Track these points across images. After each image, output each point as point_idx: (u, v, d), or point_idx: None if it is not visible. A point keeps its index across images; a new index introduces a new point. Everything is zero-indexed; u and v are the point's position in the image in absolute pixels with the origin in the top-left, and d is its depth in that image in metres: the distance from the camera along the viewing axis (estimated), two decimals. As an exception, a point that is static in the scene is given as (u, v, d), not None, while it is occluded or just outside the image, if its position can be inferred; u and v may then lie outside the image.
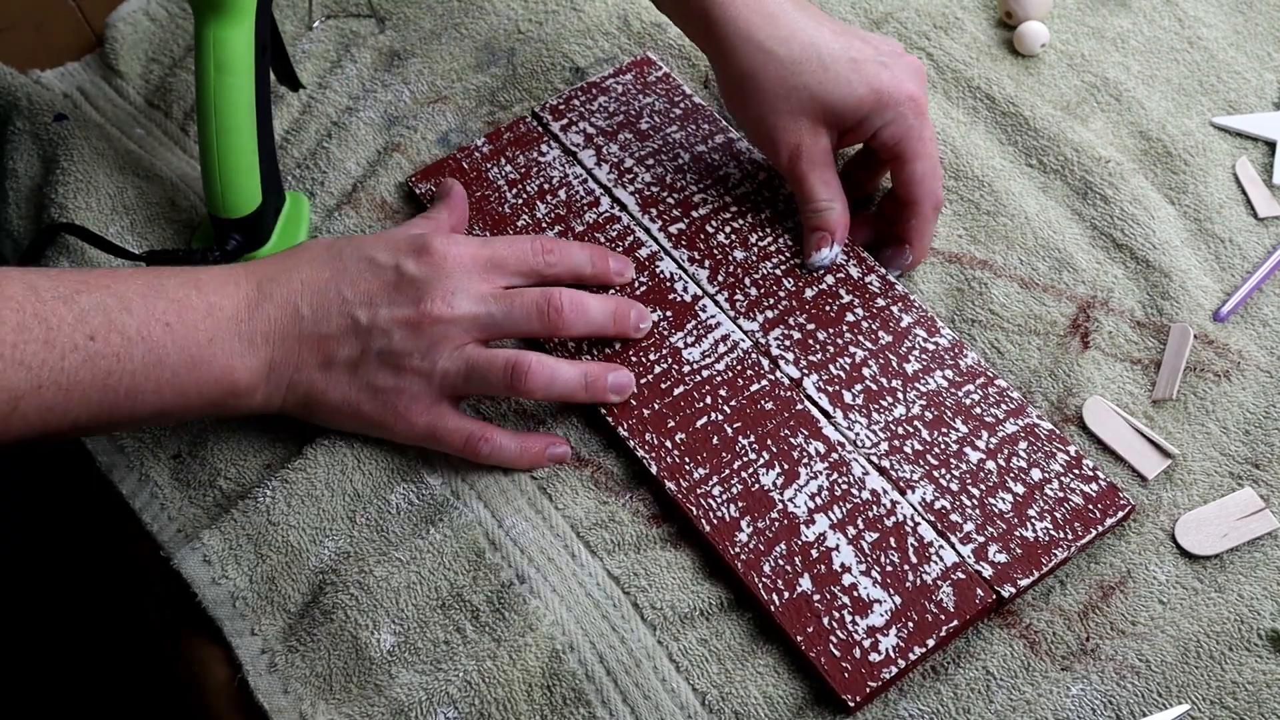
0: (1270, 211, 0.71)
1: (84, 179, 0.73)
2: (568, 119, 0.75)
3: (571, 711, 0.55)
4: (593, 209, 0.71)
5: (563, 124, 0.75)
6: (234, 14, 0.65)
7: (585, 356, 0.65)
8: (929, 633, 0.56)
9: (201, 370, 0.57)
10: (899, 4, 0.82)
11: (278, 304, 0.59)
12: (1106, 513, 0.59)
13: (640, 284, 0.67)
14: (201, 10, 0.65)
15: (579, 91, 0.76)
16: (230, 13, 0.65)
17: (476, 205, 0.71)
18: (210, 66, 0.65)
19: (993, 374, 0.64)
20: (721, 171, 0.72)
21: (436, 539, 0.60)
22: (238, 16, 0.65)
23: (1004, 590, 0.57)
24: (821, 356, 0.64)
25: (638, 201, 0.71)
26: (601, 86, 0.77)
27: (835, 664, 0.55)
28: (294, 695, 0.56)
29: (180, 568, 0.60)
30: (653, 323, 0.66)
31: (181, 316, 0.57)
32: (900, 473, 0.60)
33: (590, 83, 0.77)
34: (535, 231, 0.70)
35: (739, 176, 0.72)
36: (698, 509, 0.59)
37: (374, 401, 0.60)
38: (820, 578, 0.57)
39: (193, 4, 0.65)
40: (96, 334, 0.54)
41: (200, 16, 0.65)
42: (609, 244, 0.69)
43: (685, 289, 0.67)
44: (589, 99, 0.76)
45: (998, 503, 0.59)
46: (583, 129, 0.74)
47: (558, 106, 0.76)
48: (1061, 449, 0.61)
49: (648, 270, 0.68)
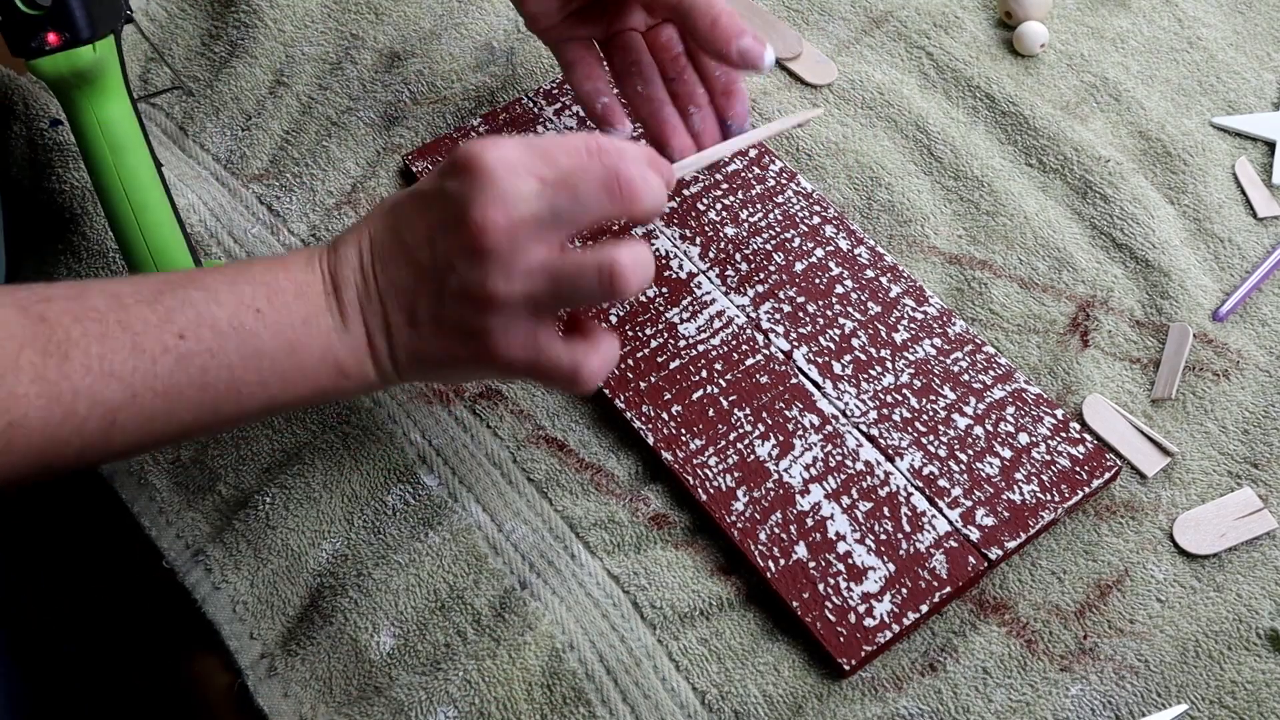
0: (1269, 211, 0.71)
1: (80, 184, 0.73)
2: (561, 103, 0.76)
3: (571, 711, 0.55)
4: None
5: (556, 108, 0.76)
6: (108, 89, 0.61)
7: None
8: (922, 599, 0.56)
9: (301, 354, 0.52)
10: (899, 3, 0.82)
11: (355, 269, 0.53)
12: (1094, 474, 0.60)
13: None
14: (69, 91, 0.61)
15: None
16: (104, 89, 0.61)
17: None
18: (105, 151, 0.62)
19: (980, 341, 0.64)
20: None
21: (435, 542, 0.60)
22: (112, 90, 0.62)
23: (991, 553, 0.57)
24: (811, 329, 0.65)
25: None
26: None
27: (830, 628, 0.56)
28: (294, 699, 0.56)
29: (180, 573, 0.60)
30: (649, 298, 0.67)
31: (271, 300, 0.52)
32: (889, 440, 0.61)
33: None
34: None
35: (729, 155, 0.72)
36: (694, 479, 0.60)
37: (468, 346, 0.53)
38: (815, 546, 0.58)
39: (57, 89, 0.61)
40: (186, 332, 0.50)
41: (70, 99, 0.61)
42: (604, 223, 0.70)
43: (680, 266, 0.68)
44: None
45: (985, 467, 0.60)
46: (576, 112, 0.75)
47: (551, 91, 0.77)
48: (1049, 413, 0.62)
49: None
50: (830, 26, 0.81)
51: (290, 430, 0.64)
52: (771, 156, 0.72)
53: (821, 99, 0.77)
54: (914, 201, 0.72)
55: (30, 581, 0.78)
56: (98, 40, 0.60)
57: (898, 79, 0.78)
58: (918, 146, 0.75)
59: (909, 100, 0.76)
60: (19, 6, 0.58)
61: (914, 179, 0.73)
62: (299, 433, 0.64)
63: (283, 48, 0.81)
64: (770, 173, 0.72)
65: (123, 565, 0.66)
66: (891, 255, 0.69)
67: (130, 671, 0.72)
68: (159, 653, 0.63)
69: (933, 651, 0.57)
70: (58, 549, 0.77)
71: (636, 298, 0.67)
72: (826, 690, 0.56)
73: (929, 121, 0.75)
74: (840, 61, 0.79)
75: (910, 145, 0.75)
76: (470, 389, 0.65)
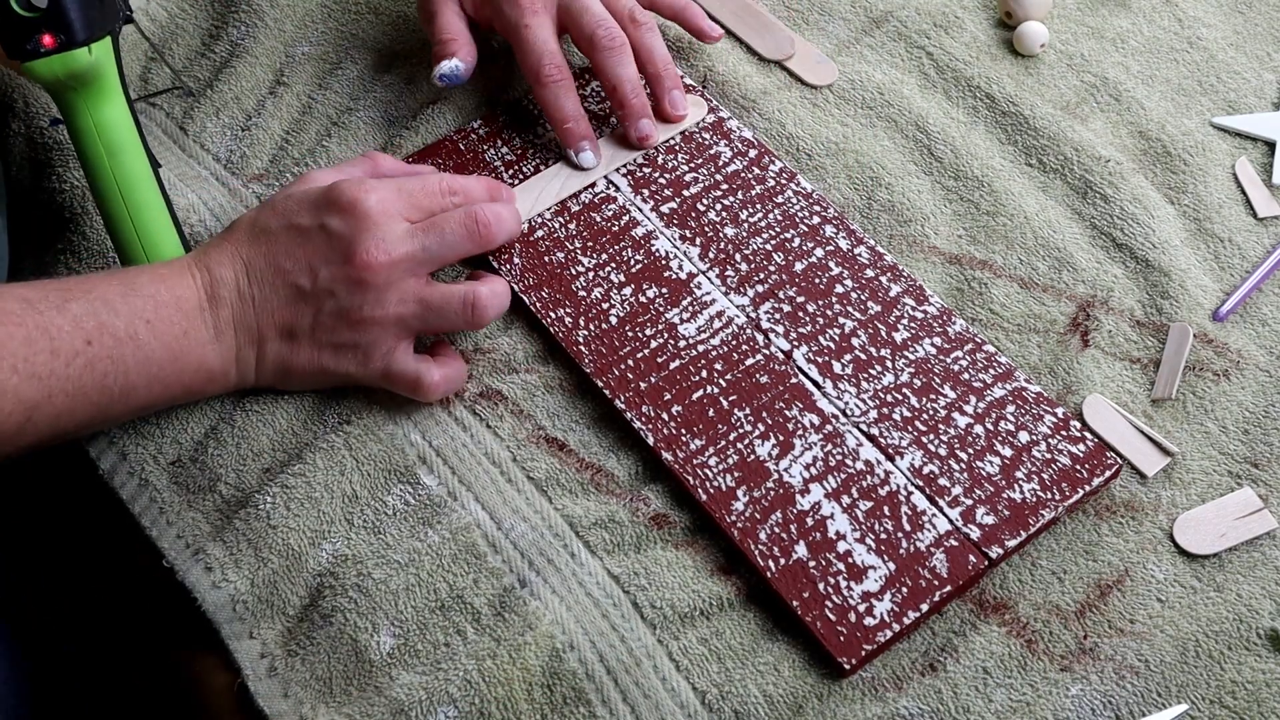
0: (1269, 211, 0.71)
1: (79, 183, 0.73)
2: None
3: (571, 710, 0.55)
4: (588, 190, 0.72)
5: None
6: (105, 91, 0.61)
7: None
8: (923, 598, 0.56)
9: (181, 362, 0.60)
10: (899, 3, 0.82)
11: (229, 288, 0.61)
12: (1094, 472, 0.60)
13: (636, 262, 0.68)
14: (65, 94, 0.61)
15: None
16: (101, 91, 0.61)
17: None
18: (101, 153, 0.62)
19: (980, 340, 0.64)
20: (712, 150, 0.73)
21: (435, 541, 0.60)
22: (109, 93, 0.61)
23: (991, 552, 0.57)
24: (811, 328, 0.65)
25: (630, 182, 0.72)
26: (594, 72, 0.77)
27: (831, 628, 0.56)
28: (294, 699, 0.56)
29: (180, 572, 0.60)
30: (649, 299, 0.67)
31: (158, 313, 0.59)
32: (889, 439, 0.61)
33: (584, 68, 0.77)
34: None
35: (729, 155, 0.73)
36: (694, 479, 0.60)
37: (338, 358, 0.62)
38: (816, 545, 0.58)
39: (53, 91, 0.61)
40: (93, 338, 0.56)
41: (66, 101, 0.61)
42: (604, 224, 0.70)
43: (680, 266, 0.68)
44: (582, 84, 0.77)
45: (986, 466, 0.60)
46: None
47: None
48: (1049, 411, 0.62)
49: (643, 249, 0.69)
50: (830, 26, 0.81)
51: (290, 430, 0.64)
52: (771, 157, 0.72)
53: (822, 99, 0.77)
54: (914, 201, 0.72)
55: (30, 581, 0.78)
56: (94, 42, 0.60)
57: (898, 79, 0.78)
58: (918, 146, 0.75)
59: (909, 100, 0.77)
60: (14, 8, 0.58)
61: (914, 179, 0.73)
62: (299, 433, 0.64)
63: (283, 48, 0.81)
64: (770, 173, 0.72)
65: (123, 565, 0.66)
66: (891, 255, 0.69)
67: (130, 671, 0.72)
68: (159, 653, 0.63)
69: (933, 651, 0.57)
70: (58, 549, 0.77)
71: (636, 298, 0.67)
72: (827, 690, 0.56)
73: (929, 121, 0.75)
74: (840, 61, 0.79)
75: (910, 145, 0.75)
76: (471, 389, 0.65)
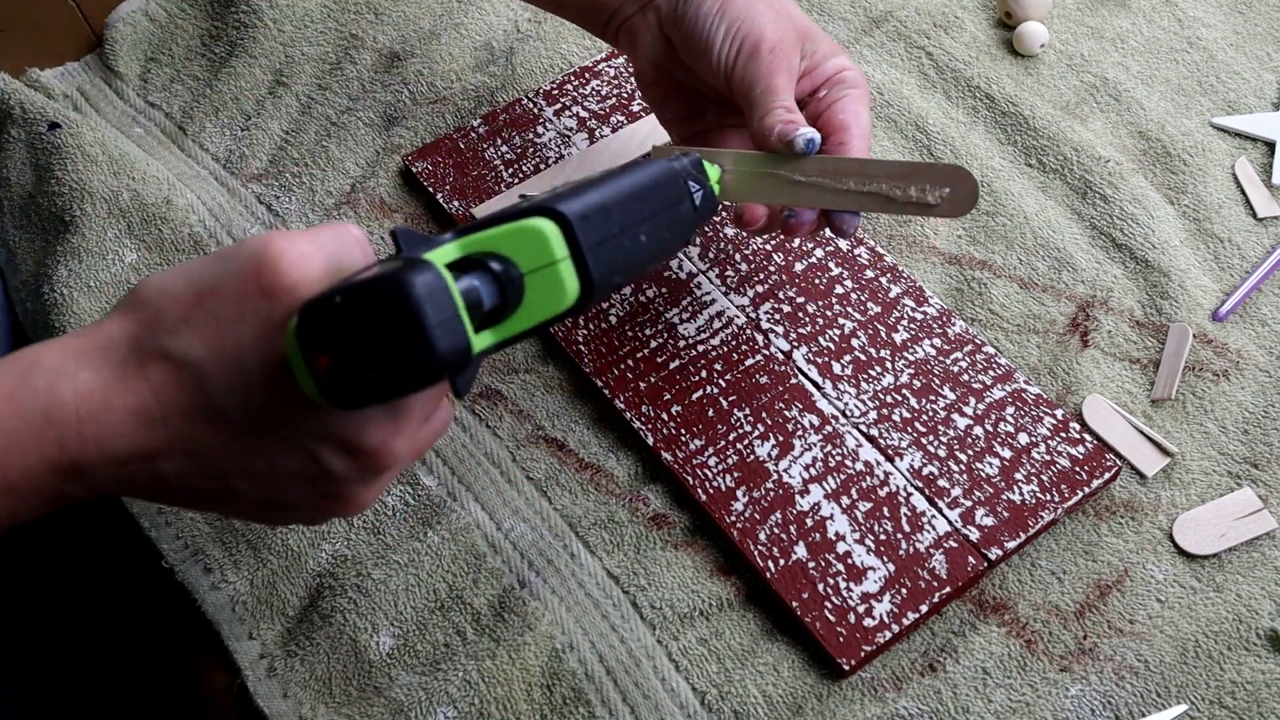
0: (1269, 211, 0.71)
1: (78, 186, 0.73)
2: (561, 104, 0.76)
3: (571, 710, 0.55)
4: None
5: (556, 109, 0.76)
6: None
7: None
8: (922, 599, 0.56)
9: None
10: (899, 3, 0.82)
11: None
12: (1093, 474, 0.60)
13: None
14: None
15: (572, 76, 0.77)
16: None
17: (473, 184, 0.72)
18: None
19: (980, 341, 0.64)
20: None
21: (434, 542, 0.60)
22: None
23: (990, 553, 0.57)
24: (811, 329, 0.65)
25: None
26: (594, 70, 0.77)
27: (830, 628, 0.56)
28: (294, 699, 0.56)
29: (179, 573, 0.60)
30: (649, 299, 0.67)
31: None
32: (889, 440, 0.61)
33: (583, 67, 0.77)
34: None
35: None
36: (694, 479, 0.60)
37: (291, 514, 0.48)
38: (815, 546, 0.58)
39: None
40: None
41: None
42: None
43: (680, 266, 0.68)
44: (582, 84, 0.77)
45: (985, 467, 0.60)
46: (576, 113, 0.75)
47: (550, 91, 0.77)
48: (1049, 413, 0.62)
49: None
50: (830, 26, 0.81)
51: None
52: None
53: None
54: (914, 201, 0.72)
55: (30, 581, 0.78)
56: None
57: (898, 79, 0.78)
58: (918, 146, 0.75)
59: (909, 100, 0.76)
60: None
61: (914, 179, 0.73)
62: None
63: (282, 48, 0.81)
64: None
65: (122, 565, 0.66)
66: (891, 255, 0.69)
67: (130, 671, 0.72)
68: (159, 653, 0.63)
69: (932, 652, 0.57)
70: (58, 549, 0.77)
71: (636, 298, 0.67)
72: (826, 690, 0.56)
73: (929, 121, 0.75)
74: (840, 61, 0.79)
75: (910, 145, 0.75)
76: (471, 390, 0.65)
